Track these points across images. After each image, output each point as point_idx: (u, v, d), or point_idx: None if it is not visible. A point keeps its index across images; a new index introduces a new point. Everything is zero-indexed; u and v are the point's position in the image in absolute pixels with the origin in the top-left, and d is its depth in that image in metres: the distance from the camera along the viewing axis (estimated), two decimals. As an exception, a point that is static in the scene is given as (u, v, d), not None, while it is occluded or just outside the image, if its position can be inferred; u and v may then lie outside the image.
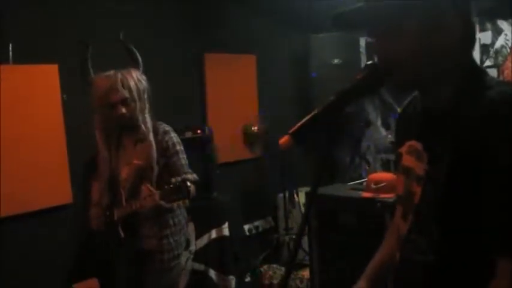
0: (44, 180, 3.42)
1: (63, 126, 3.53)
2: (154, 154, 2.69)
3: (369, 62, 1.19)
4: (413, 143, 1.26)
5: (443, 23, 1.13)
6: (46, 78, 3.46)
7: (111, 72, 2.66)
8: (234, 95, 4.77)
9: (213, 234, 3.88)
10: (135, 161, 2.71)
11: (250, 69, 4.98)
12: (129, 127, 2.70)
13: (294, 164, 4.71)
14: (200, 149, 4.06)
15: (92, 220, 2.81)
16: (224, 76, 4.72)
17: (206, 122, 4.50)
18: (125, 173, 2.72)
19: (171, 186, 2.48)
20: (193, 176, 2.70)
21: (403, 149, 1.30)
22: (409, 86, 1.22)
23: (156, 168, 2.70)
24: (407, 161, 1.27)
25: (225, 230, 3.86)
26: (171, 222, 2.78)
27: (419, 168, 1.21)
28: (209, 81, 4.60)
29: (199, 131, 4.03)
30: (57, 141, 3.50)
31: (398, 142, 1.37)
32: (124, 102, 2.62)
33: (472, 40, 1.22)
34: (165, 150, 2.74)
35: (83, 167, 3.29)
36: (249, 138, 4.82)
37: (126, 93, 2.62)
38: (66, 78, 3.49)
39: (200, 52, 4.53)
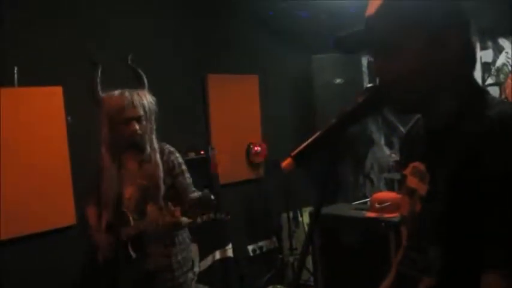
0: (48, 202, 3.42)
1: (68, 148, 3.54)
2: (161, 174, 2.72)
3: (370, 85, 1.20)
4: (416, 164, 1.26)
5: (443, 42, 1.14)
6: (50, 100, 3.48)
7: (123, 90, 2.71)
8: (237, 115, 4.78)
9: (217, 255, 3.87)
10: (139, 181, 2.73)
11: (253, 90, 5.00)
12: (135, 147, 2.73)
13: (298, 184, 4.71)
14: (203, 169, 4.07)
15: (97, 245, 2.80)
16: (227, 96, 4.74)
17: (210, 143, 4.51)
18: (128, 193, 2.74)
19: (195, 200, 2.53)
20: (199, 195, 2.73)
21: (407, 171, 1.31)
22: (410, 106, 1.23)
23: (162, 188, 2.73)
24: (412, 182, 1.27)
25: (229, 251, 3.86)
26: (176, 240, 2.80)
27: (423, 189, 1.21)
28: (212, 102, 4.62)
29: (202, 152, 4.03)
30: (61, 163, 3.51)
31: (403, 164, 1.37)
32: (138, 119, 2.68)
33: (473, 59, 1.23)
34: (171, 170, 2.78)
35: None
36: (252, 159, 4.82)
37: (141, 111, 2.68)
38: (70, 100, 3.51)
39: (203, 73, 4.56)
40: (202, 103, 4.59)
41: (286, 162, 1.13)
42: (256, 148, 4.82)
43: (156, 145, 2.75)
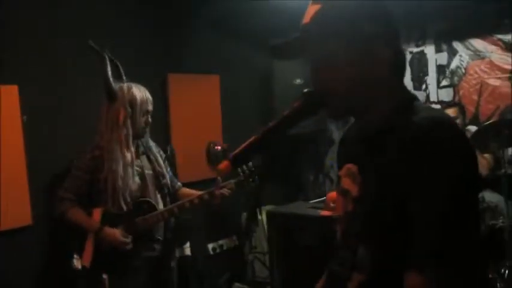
0: (4, 202, 3.37)
1: (23, 148, 3.50)
2: (162, 162, 3.02)
3: (306, 90, 1.25)
4: (350, 165, 1.32)
5: (373, 51, 1.20)
6: (6, 99, 3.43)
7: (134, 84, 2.98)
8: (198, 115, 4.80)
9: (176, 253, 3.89)
10: (146, 171, 2.96)
11: (214, 89, 5.02)
12: (141, 138, 2.99)
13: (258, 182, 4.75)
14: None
15: (118, 242, 2.85)
16: (188, 96, 4.75)
17: (169, 142, 4.51)
18: (136, 183, 2.89)
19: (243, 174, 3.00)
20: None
21: (342, 172, 1.37)
22: (344, 113, 1.29)
23: (167, 175, 3.03)
24: (345, 183, 1.34)
25: (187, 250, 3.88)
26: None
27: (355, 190, 1.28)
28: (173, 101, 4.63)
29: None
30: (17, 163, 3.46)
31: (339, 165, 1.43)
32: (150, 113, 3.00)
33: (402, 67, 1.29)
34: (163, 162, 3.10)
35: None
36: (212, 158, 4.85)
37: (152, 106, 3.02)
38: (26, 99, 3.48)
39: (164, 72, 4.56)
40: (163, 102, 4.59)
41: (223, 165, 1.17)
42: (216, 147, 4.84)
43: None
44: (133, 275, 2.89)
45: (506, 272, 3.52)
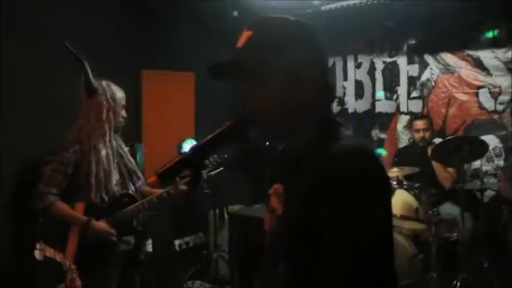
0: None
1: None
2: (131, 158, 3.06)
3: (236, 114, 1.31)
4: (277, 185, 1.38)
5: (301, 76, 1.25)
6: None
7: (107, 81, 3.01)
8: (170, 112, 4.83)
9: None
10: (124, 163, 3.01)
11: (189, 87, 5.06)
12: (117, 132, 3.02)
13: (225, 182, 4.81)
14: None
15: (107, 236, 2.87)
16: (161, 93, 4.78)
17: (141, 139, 4.55)
18: (117, 176, 2.93)
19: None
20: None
21: (271, 191, 1.43)
22: (272, 134, 1.35)
23: (138, 170, 3.08)
24: (273, 201, 1.40)
25: (148, 246, 3.93)
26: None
27: (280, 208, 1.34)
28: (146, 98, 4.66)
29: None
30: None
31: (269, 183, 1.49)
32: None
33: (329, 93, 1.35)
34: None
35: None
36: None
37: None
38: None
39: (137, 68, 4.58)
40: (136, 99, 4.61)
41: (152, 179, 1.23)
42: (187, 145, 4.89)
43: None
44: (111, 268, 2.94)
45: (458, 284, 3.62)
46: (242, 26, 1.33)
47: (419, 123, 4.53)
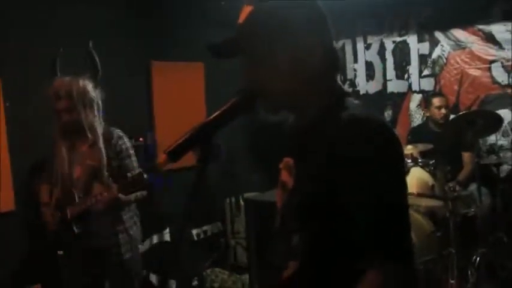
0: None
1: (6, 134, 3.56)
2: (104, 158, 2.86)
3: (241, 88, 1.30)
4: (287, 159, 1.39)
5: (307, 49, 1.25)
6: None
7: (65, 78, 2.85)
8: (181, 103, 4.83)
9: (154, 239, 3.98)
10: (88, 161, 2.88)
11: (199, 77, 5.06)
12: (80, 131, 2.85)
13: (240, 169, 4.82)
14: (143, 156, 4.13)
15: (46, 220, 2.93)
16: (172, 83, 4.78)
17: (153, 130, 4.57)
18: (77, 173, 2.88)
19: (129, 179, 2.68)
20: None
21: (281, 165, 1.43)
22: (279, 108, 1.34)
23: (105, 169, 2.87)
24: (283, 175, 1.40)
25: (166, 236, 3.96)
26: (123, 218, 2.95)
27: (290, 182, 1.34)
28: (156, 89, 4.67)
29: (141, 139, 4.10)
30: (-1, 149, 3.53)
31: (279, 158, 1.49)
32: (67, 110, 2.79)
33: (335, 64, 1.35)
34: (118, 153, 2.93)
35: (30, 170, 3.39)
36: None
37: (68, 103, 2.79)
38: (8, 86, 3.53)
39: (147, 59, 4.59)
40: (147, 90, 4.63)
41: (161, 159, 1.24)
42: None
43: (99, 130, 2.88)
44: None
45: (478, 259, 3.60)
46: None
47: (439, 101, 4.47)
